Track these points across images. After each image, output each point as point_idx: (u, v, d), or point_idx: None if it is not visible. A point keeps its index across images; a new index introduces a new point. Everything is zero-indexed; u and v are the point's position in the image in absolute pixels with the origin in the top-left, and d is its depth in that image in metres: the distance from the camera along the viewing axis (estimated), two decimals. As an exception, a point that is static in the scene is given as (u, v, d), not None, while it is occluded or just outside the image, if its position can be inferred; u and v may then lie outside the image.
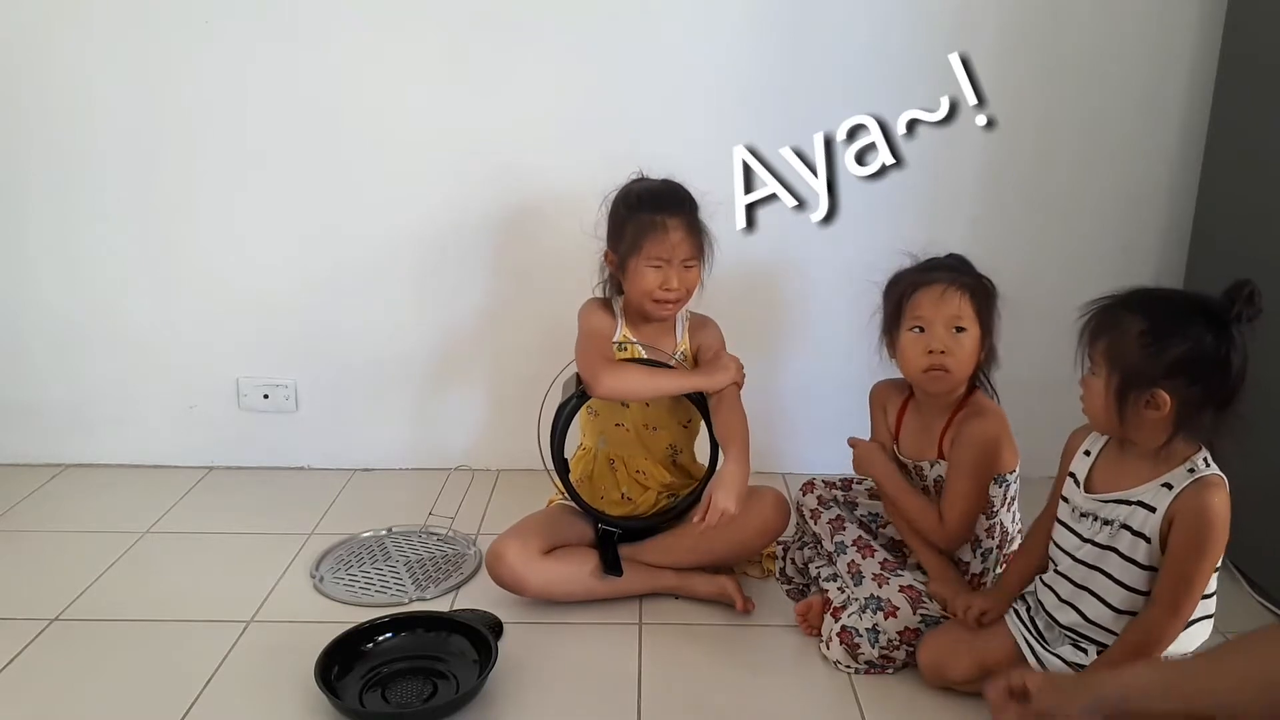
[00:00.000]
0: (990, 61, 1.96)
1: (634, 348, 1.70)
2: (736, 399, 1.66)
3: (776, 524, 1.66)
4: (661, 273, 1.62)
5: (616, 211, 1.67)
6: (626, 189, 1.68)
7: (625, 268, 1.64)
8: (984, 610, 1.41)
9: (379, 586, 1.73)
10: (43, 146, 2.05)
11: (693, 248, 1.63)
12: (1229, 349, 1.15)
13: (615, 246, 1.66)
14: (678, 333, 1.74)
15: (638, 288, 1.64)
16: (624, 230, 1.63)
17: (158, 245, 2.11)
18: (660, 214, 1.61)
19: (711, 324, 1.77)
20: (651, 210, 1.62)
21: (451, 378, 2.19)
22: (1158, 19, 1.96)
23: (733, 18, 1.97)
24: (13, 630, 1.58)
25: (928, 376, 1.49)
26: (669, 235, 1.60)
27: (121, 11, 1.97)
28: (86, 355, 2.17)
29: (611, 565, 1.64)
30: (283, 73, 2.00)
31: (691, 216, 1.65)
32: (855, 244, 2.01)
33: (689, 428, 1.77)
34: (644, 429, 1.73)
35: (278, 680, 1.44)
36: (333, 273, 2.10)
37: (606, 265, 1.70)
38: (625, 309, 1.73)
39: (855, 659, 1.48)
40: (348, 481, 2.19)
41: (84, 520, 1.99)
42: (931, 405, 1.56)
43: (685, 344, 1.74)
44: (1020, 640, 1.36)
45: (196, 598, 1.68)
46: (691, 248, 1.63)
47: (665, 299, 1.64)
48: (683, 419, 1.76)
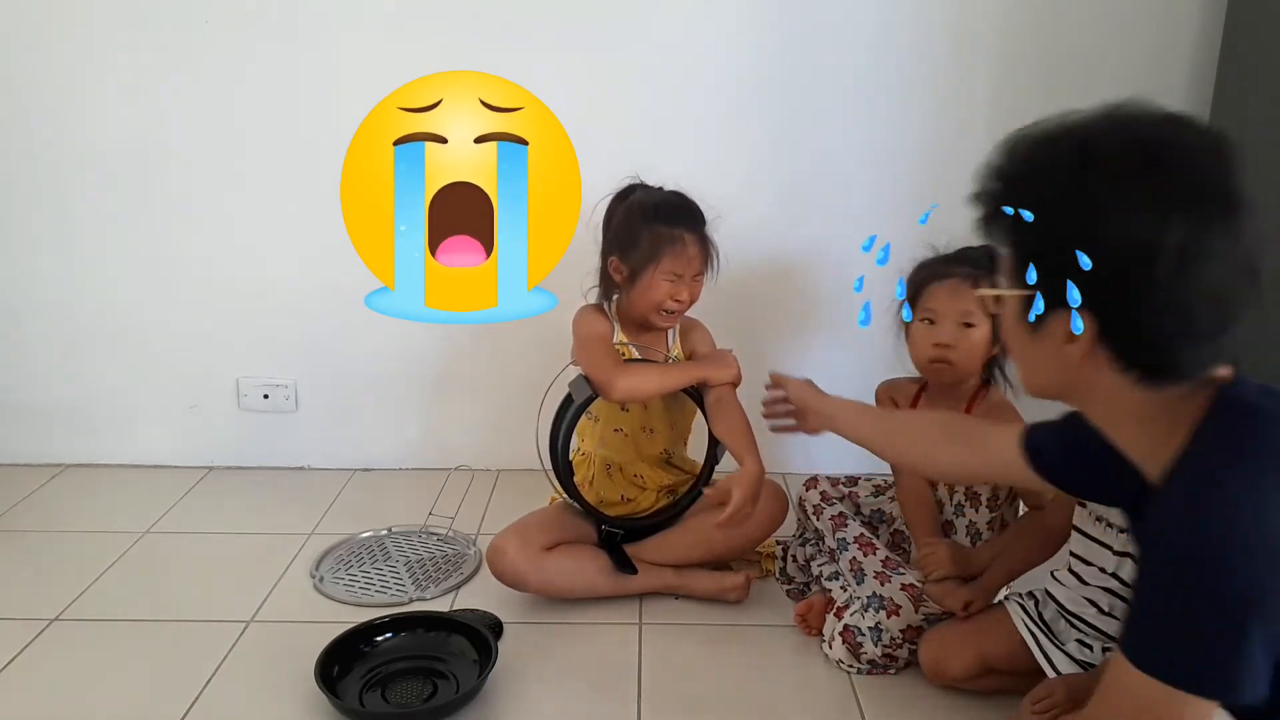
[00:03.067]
0: (990, 62, 1.97)
1: (628, 349, 1.71)
2: (736, 398, 1.67)
3: (776, 515, 1.68)
4: (674, 285, 1.63)
5: (631, 221, 1.65)
6: (640, 198, 1.67)
7: (637, 278, 1.64)
8: (968, 600, 1.43)
9: (379, 586, 1.73)
10: (43, 146, 2.05)
11: (704, 261, 1.66)
12: None
13: (625, 255, 1.65)
14: (669, 338, 1.75)
15: (648, 298, 1.64)
16: (639, 240, 1.62)
17: (158, 245, 2.11)
18: (679, 228, 1.62)
19: (700, 326, 1.78)
20: (670, 223, 1.62)
21: (452, 378, 2.19)
22: (1158, 19, 1.96)
23: (734, 20, 1.97)
24: (13, 630, 1.58)
25: (932, 368, 1.52)
26: (687, 250, 1.62)
27: (121, 11, 1.97)
28: (87, 355, 2.17)
29: (623, 564, 1.66)
30: (283, 73, 2.00)
31: (704, 230, 1.66)
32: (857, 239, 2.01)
33: (677, 428, 1.78)
34: (641, 432, 1.73)
35: (278, 680, 1.44)
36: (333, 272, 2.09)
37: (612, 273, 1.69)
38: (620, 315, 1.72)
39: (858, 658, 1.48)
40: (348, 481, 2.19)
41: (84, 520, 1.99)
42: (945, 397, 1.57)
43: (677, 347, 1.75)
44: (1026, 635, 1.36)
45: (196, 598, 1.69)
46: (703, 262, 1.66)
47: (673, 309, 1.65)
48: (675, 420, 1.77)
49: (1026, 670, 1.33)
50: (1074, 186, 0.84)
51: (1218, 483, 0.84)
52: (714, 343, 1.77)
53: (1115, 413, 0.93)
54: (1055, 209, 0.85)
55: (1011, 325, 0.94)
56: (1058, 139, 0.88)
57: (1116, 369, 0.87)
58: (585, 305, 1.76)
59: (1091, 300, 0.84)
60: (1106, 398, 0.91)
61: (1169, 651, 0.85)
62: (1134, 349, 0.86)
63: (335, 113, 2.01)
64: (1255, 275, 0.84)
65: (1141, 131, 0.86)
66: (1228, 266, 0.82)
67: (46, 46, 1.99)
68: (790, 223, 2.07)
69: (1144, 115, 0.87)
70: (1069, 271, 0.83)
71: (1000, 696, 1.41)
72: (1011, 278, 0.91)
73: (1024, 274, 0.88)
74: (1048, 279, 0.86)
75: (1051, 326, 0.88)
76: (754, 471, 1.55)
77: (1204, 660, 0.83)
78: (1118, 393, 0.89)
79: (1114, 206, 0.82)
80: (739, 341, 1.79)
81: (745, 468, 1.56)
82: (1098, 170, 0.84)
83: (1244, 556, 0.81)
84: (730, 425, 1.63)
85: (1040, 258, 0.86)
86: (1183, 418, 0.88)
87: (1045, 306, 0.87)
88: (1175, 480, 0.88)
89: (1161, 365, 0.86)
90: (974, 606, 1.44)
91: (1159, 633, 0.86)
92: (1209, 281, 0.81)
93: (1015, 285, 0.90)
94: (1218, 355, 0.87)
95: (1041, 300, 0.87)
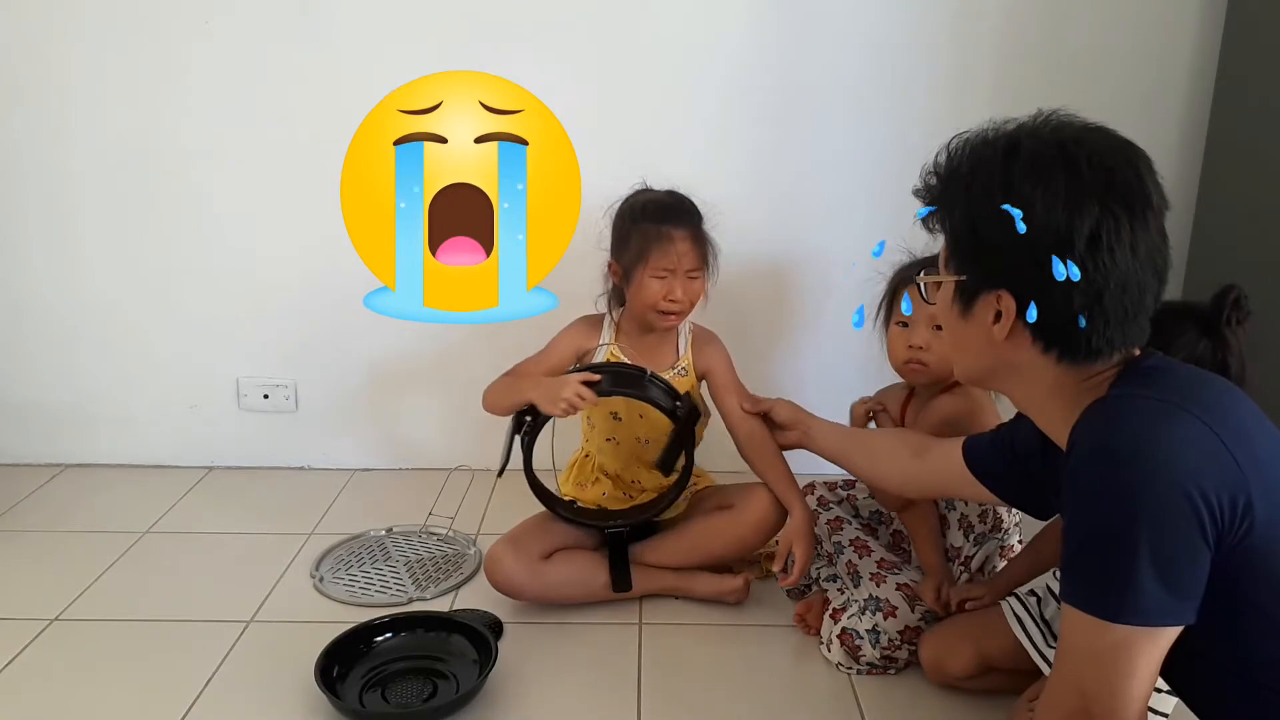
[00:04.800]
0: (991, 62, 1.97)
1: (611, 349, 1.70)
2: (770, 436, 1.65)
3: (774, 519, 1.66)
4: (666, 283, 1.61)
5: (622, 222, 1.65)
6: (631, 200, 1.66)
7: (630, 278, 1.63)
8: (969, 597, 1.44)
9: (379, 586, 1.73)
10: (43, 146, 2.05)
11: (698, 258, 1.62)
12: (1224, 354, 1.16)
13: (620, 257, 1.65)
14: (680, 345, 1.73)
15: (642, 298, 1.62)
16: (629, 241, 1.62)
17: (158, 245, 2.11)
18: (665, 224, 1.60)
19: (716, 343, 1.75)
20: (656, 221, 1.61)
21: (451, 378, 2.19)
22: (1158, 19, 1.96)
23: (736, 22, 1.97)
24: (13, 630, 1.58)
25: (907, 369, 1.55)
26: (674, 245, 1.60)
27: (121, 10, 1.97)
28: (87, 355, 2.17)
29: (620, 578, 1.65)
30: (283, 73, 2.00)
31: (697, 227, 1.64)
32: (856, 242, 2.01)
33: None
34: (636, 443, 1.73)
35: (278, 680, 1.44)
36: (333, 273, 2.09)
37: (611, 276, 1.69)
38: (624, 320, 1.72)
39: (856, 660, 1.48)
40: (348, 481, 2.19)
41: (84, 520, 1.99)
42: (927, 398, 1.58)
43: (688, 358, 1.72)
44: (1020, 633, 1.36)
45: (196, 598, 1.69)
46: (696, 258, 1.62)
47: (669, 309, 1.62)
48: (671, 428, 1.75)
49: (1027, 668, 1.33)
50: (1000, 178, 0.93)
51: (1116, 412, 0.92)
52: (730, 362, 1.73)
53: (1037, 391, 1.01)
54: (983, 199, 0.94)
55: (945, 309, 1.03)
56: (991, 140, 0.98)
57: (1037, 349, 0.97)
58: (580, 317, 1.75)
59: (1012, 282, 0.94)
60: (1029, 377, 1.00)
61: (1085, 578, 0.91)
62: (1050, 328, 0.94)
63: (335, 113, 2.01)
64: (1163, 269, 0.94)
65: (1064, 134, 0.95)
66: (1136, 256, 0.91)
67: (47, 47, 1.99)
68: (789, 223, 2.07)
69: (1069, 122, 0.97)
70: (994, 256, 0.95)
71: (1001, 696, 1.41)
72: (946, 265, 1.02)
73: (956, 260, 1.00)
74: (976, 264, 0.98)
75: (979, 309, 0.98)
76: (802, 520, 1.59)
77: (1110, 582, 0.88)
78: (1038, 371, 0.98)
79: (1034, 197, 0.91)
80: (739, 342, 1.78)
81: (794, 518, 1.60)
82: (1021, 165, 0.93)
83: (1138, 474, 0.86)
84: (766, 466, 1.65)
85: (968, 244, 0.98)
86: (1097, 391, 0.96)
87: (973, 290, 0.98)
88: (1081, 421, 0.94)
89: (1074, 343, 0.95)
90: (977, 602, 1.43)
91: (1077, 563, 0.92)
92: (1118, 268, 0.91)
93: (950, 272, 1.01)
94: (1130, 338, 0.95)
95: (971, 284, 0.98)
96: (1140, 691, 0.90)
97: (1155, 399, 0.91)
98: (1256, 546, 0.86)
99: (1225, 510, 0.85)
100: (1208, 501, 0.84)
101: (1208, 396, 0.92)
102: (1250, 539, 0.86)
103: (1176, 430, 0.87)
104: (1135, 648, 0.88)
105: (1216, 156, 1.91)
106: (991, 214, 0.93)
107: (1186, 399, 0.90)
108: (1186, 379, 0.96)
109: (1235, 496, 0.85)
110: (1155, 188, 0.93)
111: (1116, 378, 0.96)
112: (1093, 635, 0.89)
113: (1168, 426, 0.88)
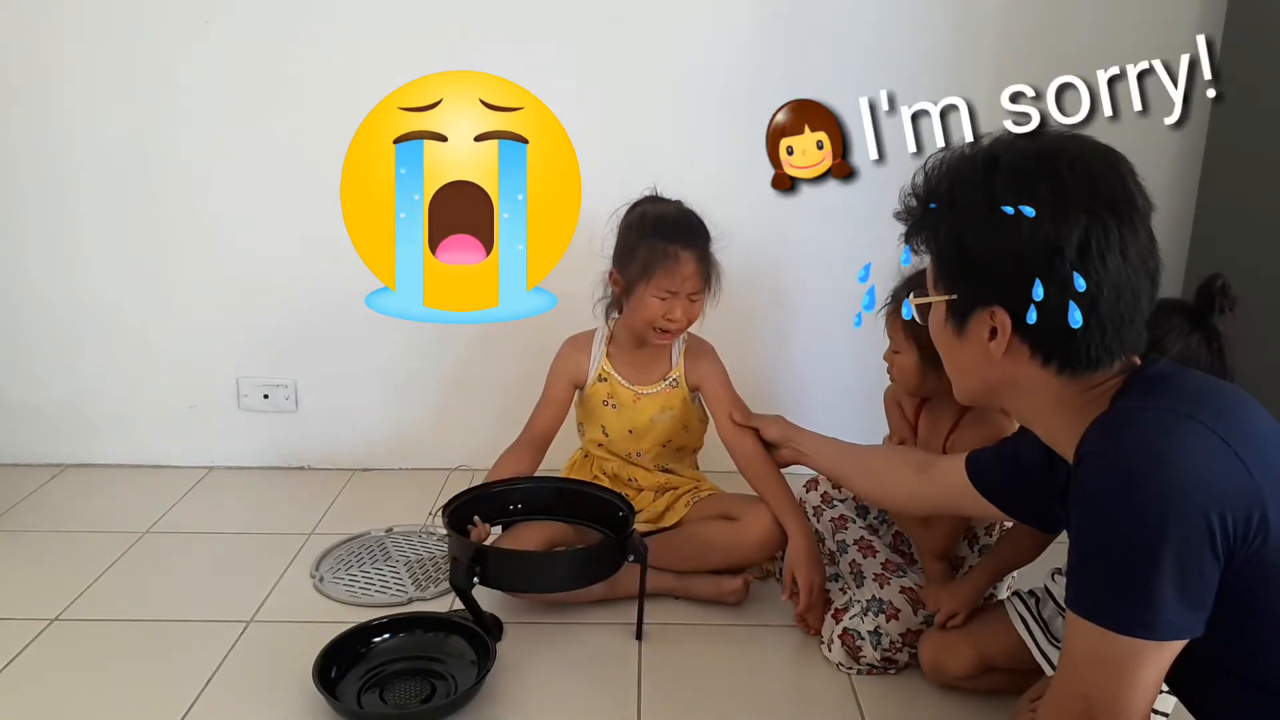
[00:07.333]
0: (991, 62, 1.97)
1: (614, 379, 1.70)
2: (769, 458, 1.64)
3: (776, 538, 1.63)
4: (667, 304, 1.59)
5: (629, 234, 1.62)
6: (641, 212, 1.64)
7: (631, 292, 1.61)
8: (951, 613, 1.42)
9: (379, 586, 1.73)
10: (43, 146, 2.05)
11: (701, 281, 1.60)
12: (1219, 343, 1.15)
13: (623, 268, 1.62)
14: (672, 356, 1.72)
15: (641, 314, 1.61)
16: (635, 254, 1.59)
17: (158, 245, 2.11)
18: (674, 244, 1.57)
19: (711, 355, 1.73)
20: (666, 239, 1.57)
21: (452, 378, 2.19)
22: (1158, 19, 1.96)
23: (739, 23, 1.97)
24: (13, 630, 1.58)
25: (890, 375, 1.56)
26: (681, 268, 1.57)
27: (120, 9, 1.97)
28: (87, 355, 2.17)
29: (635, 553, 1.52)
30: (282, 73, 2.00)
31: (704, 249, 1.61)
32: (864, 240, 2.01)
33: (671, 448, 1.76)
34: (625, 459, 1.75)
35: (277, 680, 1.44)
36: (333, 272, 2.09)
37: (611, 285, 1.68)
38: (618, 329, 1.71)
39: (857, 661, 1.48)
40: (348, 481, 2.19)
41: (84, 520, 1.98)
42: (939, 402, 1.57)
43: (680, 370, 1.71)
44: (1024, 633, 1.36)
45: (196, 598, 1.68)
46: (700, 281, 1.60)
47: (667, 329, 1.61)
48: (674, 438, 1.74)
49: (1027, 668, 1.33)
50: (983, 193, 0.92)
51: (1127, 423, 0.90)
52: (725, 375, 1.71)
53: (1039, 404, 0.99)
54: (966, 215, 0.93)
55: (939, 330, 1.02)
56: (969, 156, 0.96)
57: (1036, 362, 0.95)
58: (569, 339, 1.75)
59: (1005, 296, 0.92)
60: (1030, 391, 0.98)
61: (1094, 589, 0.89)
62: (1047, 339, 0.93)
63: (335, 113, 2.01)
64: (1155, 271, 0.93)
65: (1042, 145, 0.94)
66: (1127, 260, 0.90)
67: (46, 47, 1.99)
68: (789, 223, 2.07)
69: (1045, 133, 0.97)
70: (984, 272, 0.93)
71: (1001, 696, 1.41)
72: (935, 286, 1.00)
73: (946, 281, 0.98)
74: (965, 282, 0.96)
75: (973, 327, 0.96)
76: (802, 546, 1.56)
77: (1121, 595, 0.86)
78: (1039, 385, 0.96)
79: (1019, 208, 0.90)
80: (739, 341, 1.78)
81: (793, 544, 1.57)
82: (1002, 177, 0.92)
83: (1153, 489, 0.84)
84: (763, 488, 1.63)
85: (957, 262, 0.96)
86: (1100, 402, 0.95)
87: (966, 308, 0.96)
88: (1090, 434, 0.92)
89: (1074, 354, 0.93)
90: (956, 620, 1.42)
91: (1086, 574, 0.91)
92: (1110, 274, 0.89)
93: (939, 292, 0.99)
94: (1127, 344, 0.94)
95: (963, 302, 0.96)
96: (1144, 700, 0.89)
97: (1166, 410, 0.89)
98: (1270, 557, 0.85)
99: (1239, 527, 0.84)
100: (1223, 519, 0.83)
101: (1218, 405, 0.91)
102: (1264, 550, 0.85)
103: (1189, 442, 0.86)
104: (1142, 658, 0.87)
105: (1216, 156, 1.91)
106: (977, 230, 0.92)
107: (1197, 408, 0.89)
108: (1195, 387, 0.94)
109: (1250, 511, 0.84)
110: (1139, 190, 0.92)
111: (1123, 387, 0.94)
112: (1100, 645, 0.89)
113: (1180, 439, 0.86)
